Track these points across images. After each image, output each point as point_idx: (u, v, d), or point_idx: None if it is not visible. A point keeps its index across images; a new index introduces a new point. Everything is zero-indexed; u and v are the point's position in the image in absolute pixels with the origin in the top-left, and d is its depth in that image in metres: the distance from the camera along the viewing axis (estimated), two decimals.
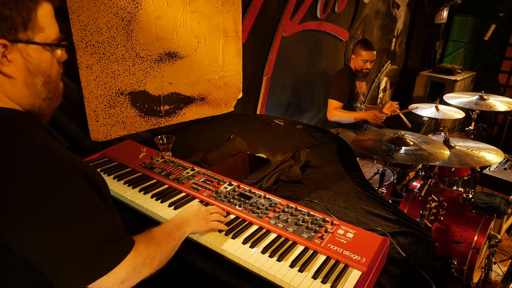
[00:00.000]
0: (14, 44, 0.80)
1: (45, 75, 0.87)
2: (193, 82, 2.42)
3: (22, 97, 0.86)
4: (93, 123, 1.99)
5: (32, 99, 0.87)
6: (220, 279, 1.14)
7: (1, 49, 0.78)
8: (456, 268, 2.21)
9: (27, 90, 0.85)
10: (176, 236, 1.05)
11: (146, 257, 0.88)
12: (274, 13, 2.91)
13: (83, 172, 0.86)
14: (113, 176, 1.55)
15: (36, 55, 0.84)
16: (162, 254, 0.94)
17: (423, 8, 5.03)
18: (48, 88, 0.89)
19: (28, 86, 0.85)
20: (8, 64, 0.80)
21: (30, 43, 0.82)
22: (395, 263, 1.23)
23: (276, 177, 1.71)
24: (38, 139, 0.82)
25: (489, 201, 2.27)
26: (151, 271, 0.90)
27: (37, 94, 0.87)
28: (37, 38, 0.83)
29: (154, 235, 0.98)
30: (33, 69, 0.84)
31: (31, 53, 0.83)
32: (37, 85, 0.86)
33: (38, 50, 0.84)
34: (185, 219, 1.14)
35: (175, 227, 1.08)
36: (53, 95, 0.91)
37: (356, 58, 3.09)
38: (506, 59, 5.41)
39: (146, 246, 0.90)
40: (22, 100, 0.86)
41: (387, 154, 1.92)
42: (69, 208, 0.79)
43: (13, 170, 0.75)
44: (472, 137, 2.98)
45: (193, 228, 1.15)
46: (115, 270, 0.81)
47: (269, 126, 2.53)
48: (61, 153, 0.82)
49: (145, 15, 2.03)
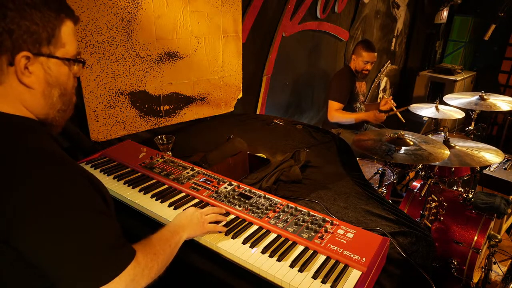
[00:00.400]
0: (37, 57, 0.84)
1: (62, 88, 0.92)
2: (193, 82, 2.42)
3: (38, 107, 0.89)
4: (93, 123, 1.99)
5: (48, 110, 0.91)
6: (220, 279, 1.14)
7: (24, 61, 0.82)
8: (456, 268, 2.21)
9: (44, 100, 0.89)
10: (172, 243, 1.05)
11: (144, 267, 0.88)
12: (274, 13, 2.91)
13: (90, 179, 0.87)
14: (113, 176, 1.55)
15: (56, 68, 0.88)
16: (159, 264, 0.94)
17: (423, 8, 5.03)
18: (63, 100, 0.93)
19: (45, 97, 0.89)
20: (29, 75, 0.84)
21: (52, 57, 0.87)
22: (395, 263, 1.23)
23: (276, 177, 1.71)
24: (45, 144, 0.85)
25: (489, 201, 2.27)
26: (148, 282, 0.90)
27: (53, 105, 0.91)
28: (58, 53, 0.88)
29: (150, 244, 0.98)
30: (52, 82, 0.89)
31: (51, 66, 0.87)
32: (54, 96, 0.90)
33: (58, 64, 0.88)
34: (180, 225, 1.14)
35: (170, 234, 1.08)
36: (67, 107, 0.96)
37: (356, 59, 3.08)
38: (506, 59, 5.41)
39: (144, 256, 0.90)
40: (38, 110, 0.90)
41: (387, 154, 1.92)
42: (74, 210, 0.79)
43: (19, 173, 0.76)
44: (472, 137, 2.98)
45: (189, 233, 1.15)
46: (115, 281, 0.80)
47: (269, 126, 2.53)
48: (69, 160, 0.85)
49: (145, 15, 2.03)
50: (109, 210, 0.91)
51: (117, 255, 0.83)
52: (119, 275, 0.80)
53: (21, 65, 0.82)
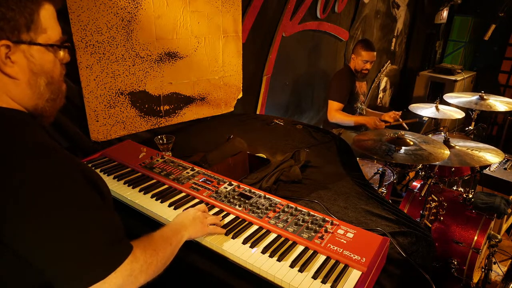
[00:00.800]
0: (17, 45, 0.81)
1: (48, 76, 0.88)
2: (193, 82, 2.42)
3: (26, 98, 0.86)
4: (93, 123, 1.99)
5: (35, 100, 0.88)
6: (220, 279, 1.14)
7: (4, 50, 0.79)
8: (456, 268, 2.21)
9: (30, 90, 0.86)
10: (173, 241, 1.03)
11: (143, 263, 0.86)
12: (274, 13, 2.91)
13: (84, 172, 0.85)
14: (113, 176, 1.55)
15: (39, 56, 0.85)
16: (159, 260, 0.92)
17: (423, 8, 5.03)
18: (51, 89, 0.90)
19: (31, 87, 0.86)
20: (11, 65, 0.81)
21: (33, 44, 0.83)
22: (395, 263, 1.23)
23: (276, 177, 1.71)
24: (39, 138, 0.82)
25: (489, 201, 2.27)
26: (147, 278, 0.88)
27: (40, 94, 0.88)
28: (40, 39, 0.84)
29: (150, 240, 0.96)
30: (36, 70, 0.85)
31: (34, 54, 0.83)
32: (40, 85, 0.87)
33: (41, 51, 0.85)
34: (182, 224, 1.13)
35: (171, 232, 1.06)
36: (56, 96, 0.92)
37: (356, 58, 3.08)
38: (506, 59, 5.41)
39: (142, 251, 0.88)
40: (25, 101, 0.86)
41: (387, 154, 1.92)
42: (69, 206, 0.77)
43: (13, 168, 0.74)
44: (472, 137, 2.98)
45: (190, 233, 1.13)
46: (111, 275, 0.78)
47: (269, 126, 2.53)
48: (61, 152, 0.82)
49: (145, 15, 2.03)
50: (105, 204, 0.89)
51: (113, 250, 0.81)
52: (115, 270, 0.79)
53: (2, 54, 0.79)
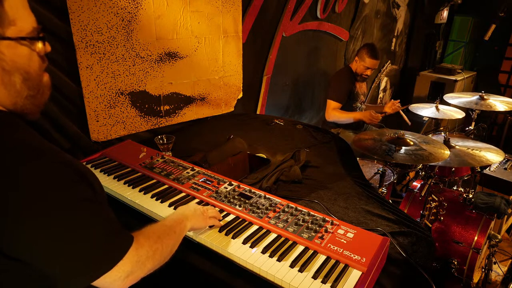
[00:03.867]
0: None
1: (23, 72, 0.80)
2: (193, 82, 2.42)
3: (2, 97, 0.80)
4: (93, 123, 1.99)
5: (13, 99, 0.81)
6: (220, 279, 1.14)
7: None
8: (456, 268, 2.21)
9: (5, 90, 0.79)
10: (177, 229, 1.03)
11: (148, 249, 0.87)
12: (274, 13, 2.91)
13: (74, 168, 0.83)
14: (113, 176, 1.55)
15: (10, 51, 0.77)
16: (164, 247, 0.93)
17: (423, 8, 5.03)
18: (28, 85, 0.82)
19: (5, 86, 0.79)
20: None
21: (1, 39, 0.75)
22: (395, 263, 1.23)
23: (276, 177, 1.71)
24: (26, 138, 0.79)
25: (489, 201, 2.26)
26: (154, 264, 0.89)
27: (18, 92, 0.81)
28: (9, 33, 0.75)
29: (153, 229, 0.96)
30: (8, 67, 0.77)
31: (3, 50, 0.76)
32: (16, 83, 0.80)
33: (12, 45, 0.77)
34: (184, 215, 1.13)
35: (174, 222, 1.06)
36: (36, 92, 0.85)
37: (359, 61, 3.07)
38: (506, 59, 5.41)
39: (146, 238, 0.89)
40: (3, 101, 0.80)
41: (387, 154, 1.92)
42: (67, 202, 0.76)
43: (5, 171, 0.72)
44: (472, 137, 2.98)
45: (193, 224, 1.14)
46: (120, 263, 0.79)
47: (269, 126, 2.53)
48: (51, 150, 0.80)
49: (145, 15, 2.03)
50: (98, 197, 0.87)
51: (118, 239, 0.82)
52: (122, 258, 0.79)
53: None
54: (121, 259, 0.79)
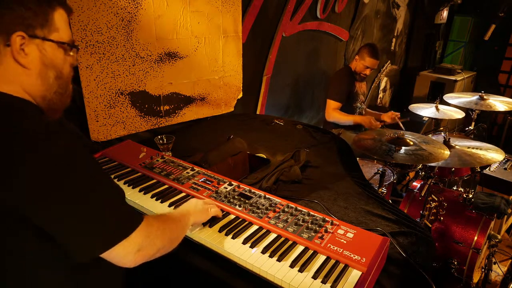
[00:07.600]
0: (32, 39, 0.88)
1: (58, 70, 0.95)
2: (193, 82, 2.42)
3: (35, 87, 0.92)
4: (93, 123, 1.99)
5: (44, 91, 0.93)
6: (220, 279, 1.14)
7: (19, 41, 0.86)
8: (456, 268, 2.21)
9: (40, 81, 0.92)
10: (182, 221, 1.11)
11: (157, 228, 0.95)
12: (274, 13, 2.91)
13: None
14: (113, 176, 1.55)
15: (51, 51, 0.92)
16: (171, 232, 1.01)
17: (423, 8, 5.03)
18: (59, 83, 0.96)
19: (41, 78, 0.92)
20: (24, 56, 0.88)
21: (46, 40, 0.90)
22: (395, 263, 1.23)
23: (276, 177, 1.71)
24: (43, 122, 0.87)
25: (489, 201, 2.26)
26: (163, 243, 0.96)
27: (49, 86, 0.94)
28: (53, 37, 0.92)
29: (159, 215, 1.08)
30: (47, 63, 0.92)
31: (46, 48, 0.91)
32: (50, 78, 0.93)
33: (53, 47, 0.92)
34: (187, 210, 1.20)
35: (178, 214, 1.14)
36: (64, 91, 0.98)
37: (359, 60, 3.08)
38: (506, 59, 5.41)
39: (154, 219, 0.99)
40: (35, 91, 0.92)
41: (387, 154, 1.92)
42: (84, 173, 0.84)
43: (26, 147, 0.78)
44: (472, 137, 2.98)
45: (195, 218, 1.20)
46: (132, 235, 0.86)
47: (269, 126, 2.53)
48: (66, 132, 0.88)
49: (145, 15, 2.03)
50: None
51: (129, 215, 0.89)
52: (134, 231, 0.86)
53: (17, 45, 0.86)
54: (134, 230, 0.87)
